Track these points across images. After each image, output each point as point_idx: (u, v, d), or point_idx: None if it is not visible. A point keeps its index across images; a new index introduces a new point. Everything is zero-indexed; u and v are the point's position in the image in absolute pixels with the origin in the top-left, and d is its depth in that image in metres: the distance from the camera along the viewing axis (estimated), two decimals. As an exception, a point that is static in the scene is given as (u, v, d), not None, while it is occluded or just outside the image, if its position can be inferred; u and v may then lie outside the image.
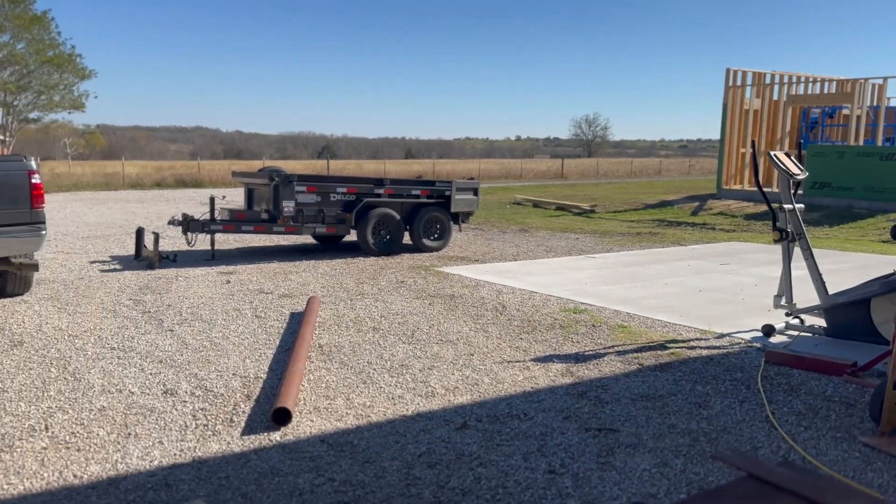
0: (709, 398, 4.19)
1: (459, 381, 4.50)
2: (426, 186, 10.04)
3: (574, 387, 4.40)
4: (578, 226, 14.28)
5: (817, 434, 3.65)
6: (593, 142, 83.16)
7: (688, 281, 7.92)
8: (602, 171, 42.59)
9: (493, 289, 7.39)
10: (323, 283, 7.70)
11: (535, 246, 10.97)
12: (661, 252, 10.41)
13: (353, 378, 4.55)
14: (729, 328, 5.78)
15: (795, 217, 5.49)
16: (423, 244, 9.95)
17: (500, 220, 14.92)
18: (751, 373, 4.64)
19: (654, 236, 12.55)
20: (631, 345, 5.32)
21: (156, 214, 15.33)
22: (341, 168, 36.34)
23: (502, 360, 4.94)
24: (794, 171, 5.46)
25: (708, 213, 16.71)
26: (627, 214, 17.00)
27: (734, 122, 19.06)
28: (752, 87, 19.13)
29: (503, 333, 5.64)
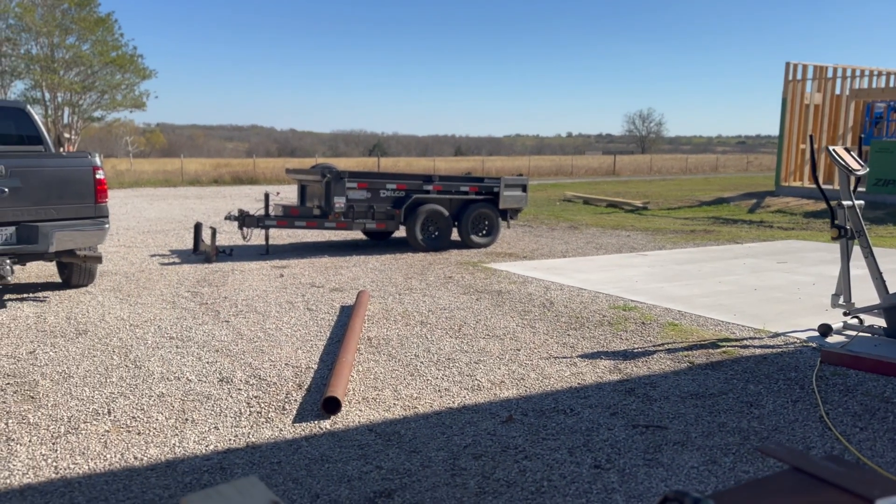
0: (761, 397, 4.11)
1: (505, 376, 4.52)
2: (475, 183, 10.07)
3: (622, 384, 4.37)
4: (630, 223, 14.08)
5: (873, 435, 3.55)
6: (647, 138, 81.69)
7: (742, 279, 7.74)
8: (656, 167, 41.80)
9: (540, 285, 7.38)
10: (372, 277, 7.82)
11: (585, 243, 10.88)
12: (715, 250, 10.19)
13: (400, 370, 4.63)
14: (784, 327, 5.64)
15: (855, 214, 5.32)
16: (471, 240, 9.99)
17: (549, 217, 14.83)
18: (805, 373, 4.52)
19: (708, 234, 12.29)
20: (681, 343, 5.24)
21: (213, 210, 15.79)
22: (392, 165, 36.67)
23: (549, 356, 4.94)
24: (853, 167, 5.28)
25: (765, 211, 16.25)
26: (681, 212, 16.67)
27: (794, 117, 18.46)
28: (812, 81, 18.49)
29: (550, 329, 5.63)
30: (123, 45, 30.53)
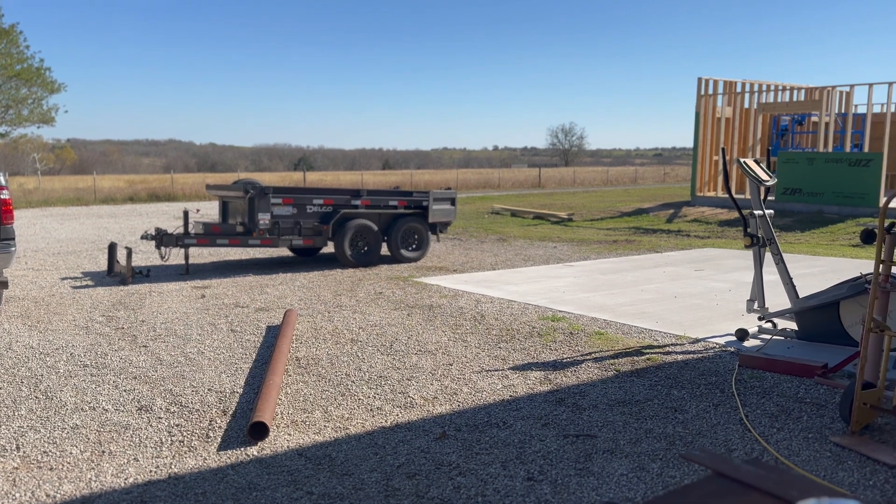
0: (684, 402, 4.24)
1: (438, 392, 4.50)
2: (403, 197, 10.06)
3: (552, 394, 4.43)
4: (556, 234, 14.37)
5: (790, 435, 3.71)
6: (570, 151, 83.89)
7: (663, 287, 8.01)
8: (579, 179, 42.94)
9: (471, 298, 7.41)
10: (300, 295, 7.67)
11: (514, 255, 11.03)
12: (637, 259, 10.52)
13: (331, 390, 4.54)
14: (704, 333, 5.86)
15: (766, 223, 5.59)
16: (401, 255, 9.96)
17: (478, 230, 14.97)
18: (725, 377, 4.70)
19: (630, 244, 12.68)
20: (608, 351, 5.36)
21: (129, 229, 15.15)
22: (318, 180, 36.22)
23: (481, 370, 4.95)
24: (763, 178, 5.56)
25: (683, 220, 16.92)
26: (604, 222, 17.15)
27: (707, 130, 19.35)
28: (723, 96, 19.45)
29: (482, 343, 5.66)
30: (29, 58, 29.08)
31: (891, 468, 3.30)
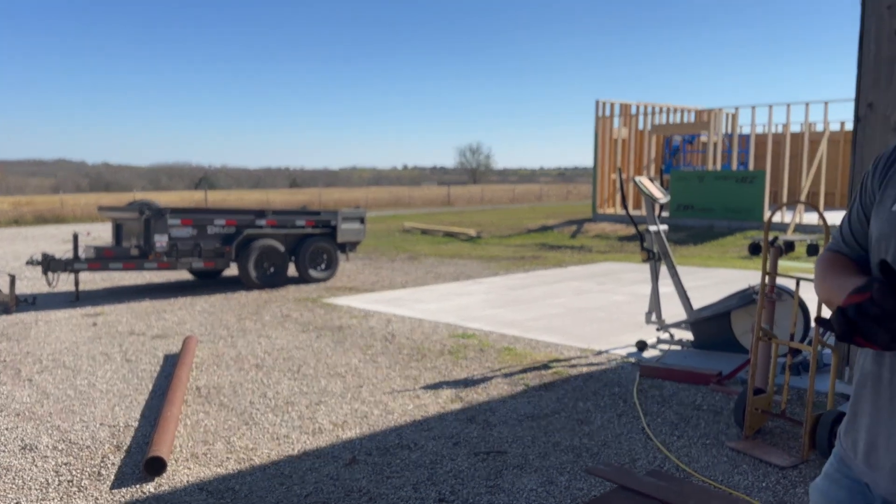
0: (590, 414, 4.34)
1: (348, 415, 4.41)
2: (311, 216, 9.88)
3: (463, 412, 4.43)
4: (466, 252, 14.53)
5: (689, 442, 3.87)
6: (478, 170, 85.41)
7: (568, 302, 8.23)
8: (487, 197, 43.70)
9: (382, 318, 7.35)
10: (201, 320, 7.35)
11: (424, 273, 11.04)
12: (543, 274, 10.77)
13: (234, 420, 4.35)
14: (607, 345, 6.04)
15: (660, 238, 5.86)
16: (309, 275, 9.76)
17: (389, 249, 14.92)
18: (627, 387, 4.86)
19: (536, 260, 12.98)
20: (517, 366, 5.43)
21: (12, 254, 14.09)
22: (221, 199, 35.11)
23: (392, 391, 4.89)
24: (657, 196, 5.83)
25: (585, 236, 17.51)
26: (512, 239, 17.50)
27: (605, 149, 20.18)
28: (619, 118, 20.37)
29: (393, 363, 5.60)
30: None
31: (781, 469, 3.49)
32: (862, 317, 1.01)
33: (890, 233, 1.36)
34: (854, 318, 1.02)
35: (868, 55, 4.46)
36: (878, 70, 4.41)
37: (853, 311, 1.02)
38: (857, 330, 1.02)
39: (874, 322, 1.01)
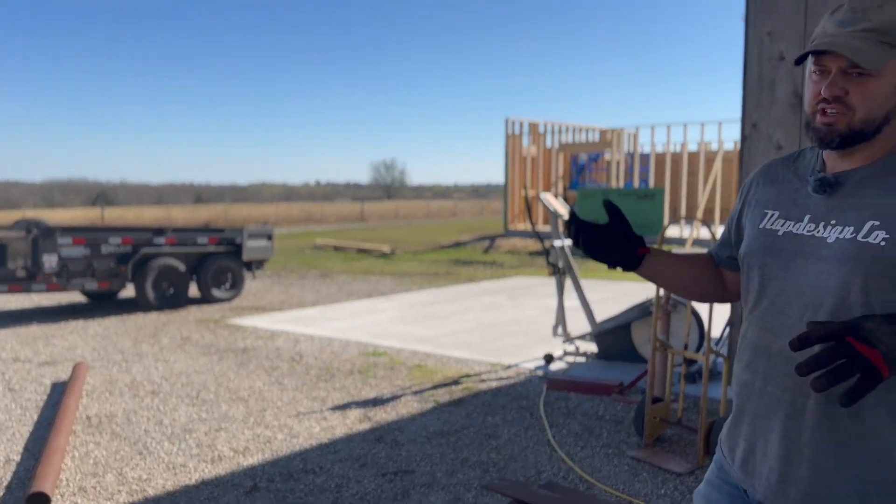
0: (498, 428, 4.36)
1: (250, 441, 4.24)
2: (214, 234, 9.55)
3: (371, 432, 4.35)
4: (379, 268, 14.42)
5: (592, 452, 3.95)
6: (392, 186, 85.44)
7: (480, 317, 8.29)
8: (402, 213, 43.73)
9: (290, 338, 7.16)
10: (93, 345, 6.93)
11: (336, 290, 10.87)
12: (456, 290, 10.83)
13: (126, 450, 4.10)
14: (516, 359, 6.12)
15: (564, 253, 6.00)
16: (212, 295, 9.40)
17: (299, 266, 14.61)
18: (534, 400, 4.92)
19: (449, 275, 13.05)
20: (427, 383, 5.40)
21: None
22: (119, 216, 33.46)
23: (298, 413, 4.75)
24: (561, 212, 5.98)
25: (497, 252, 17.78)
26: (426, 255, 17.54)
27: (515, 167, 20.63)
28: (528, 136, 20.90)
29: (300, 384, 5.45)
30: None
31: (679, 476, 3.61)
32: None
33: (757, 249, 1.43)
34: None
35: (751, 78, 4.75)
36: (760, 92, 4.70)
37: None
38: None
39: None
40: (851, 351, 1.06)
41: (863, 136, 1.28)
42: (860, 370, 1.06)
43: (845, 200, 1.31)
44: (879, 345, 1.06)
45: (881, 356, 1.06)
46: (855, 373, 1.06)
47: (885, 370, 1.06)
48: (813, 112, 1.32)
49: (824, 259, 1.29)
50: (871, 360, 1.05)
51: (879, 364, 1.05)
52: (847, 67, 1.26)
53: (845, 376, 1.05)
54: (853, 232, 1.26)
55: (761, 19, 4.66)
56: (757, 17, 4.68)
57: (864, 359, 1.05)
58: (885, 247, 1.22)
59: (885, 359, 1.06)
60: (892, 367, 1.07)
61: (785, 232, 1.38)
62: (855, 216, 1.27)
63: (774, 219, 1.42)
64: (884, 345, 1.06)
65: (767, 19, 4.62)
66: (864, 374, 1.06)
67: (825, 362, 1.06)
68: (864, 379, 1.06)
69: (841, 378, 1.05)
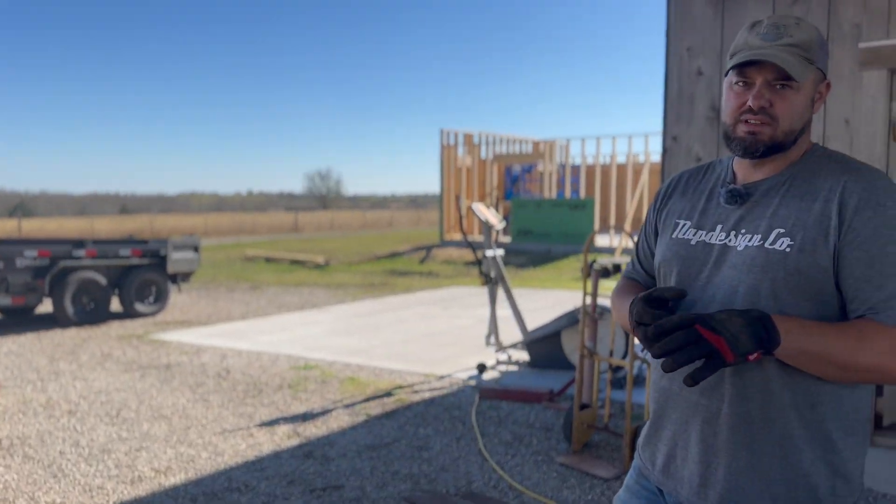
0: (430, 439, 4.35)
1: (173, 460, 4.09)
2: (138, 246, 9.21)
3: (300, 448, 4.26)
4: (313, 280, 14.21)
5: (522, 460, 3.98)
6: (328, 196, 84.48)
7: (414, 327, 8.27)
8: (337, 224, 43.28)
9: (217, 353, 6.95)
10: (6, 364, 6.55)
11: (267, 303, 10.64)
12: (391, 301, 10.77)
13: (40, 473, 3.88)
14: (449, 369, 6.12)
15: (496, 262, 6.06)
16: (135, 310, 9.05)
17: (228, 278, 14.25)
18: (467, 410, 4.93)
19: (385, 286, 12.98)
20: (359, 396, 5.34)
21: None
22: (39, 228, 31.91)
23: (223, 430, 4.61)
24: (492, 222, 6.04)
25: (433, 262, 17.81)
26: (361, 266, 17.39)
27: (450, 177, 20.75)
28: (463, 146, 21.07)
29: (226, 401, 5.29)
30: None
31: (606, 481, 3.68)
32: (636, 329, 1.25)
33: (672, 258, 1.47)
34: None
35: (672, 93, 4.92)
36: (680, 106, 4.87)
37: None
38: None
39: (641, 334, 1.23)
40: (697, 336, 1.13)
41: (783, 147, 1.34)
42: (704, 354, 1.13)
43: (754, 210, 1.36)
44: (724, 332, 1.13)
45: (725, 342, 1.13)
46: (699, 356, 1.13)
47: (730, 355, 1.14)
48: (735, 123, 1.35)
49: (735, 266, 1.34)
50: (713, 345, 1.13)
51: (722, 348, 1.13)
52: (772, 80, 1.31)
53: (690, 359, 1.13)
54: (760, 240, 1.32)
55: (681, 36, 4.84)
56: (677, 33, 4.86)
57: (708, 343, 1.13)
58: (789, 253, 1.28)
59: (729, 344, 1.13)
60: (736, 352, 1.14)
61: (697, 241, 1.42)
62: (762, 225, 1.33)
63: (687, 228, 1.46)
64: (728, 332, 1.13)
65: (687, 36, 4.81)
66: (708, 358, 1.13)
67: (675, 347, 1.14)
68: (707, 362, 1.14)
69: (686, 360, 1.13)
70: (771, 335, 1.16)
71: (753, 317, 1.16)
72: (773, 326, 1.17)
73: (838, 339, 1.21)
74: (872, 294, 1.24)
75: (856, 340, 1.21)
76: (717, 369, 1.14)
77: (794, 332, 1.20)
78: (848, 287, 1.26)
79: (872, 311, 1.24)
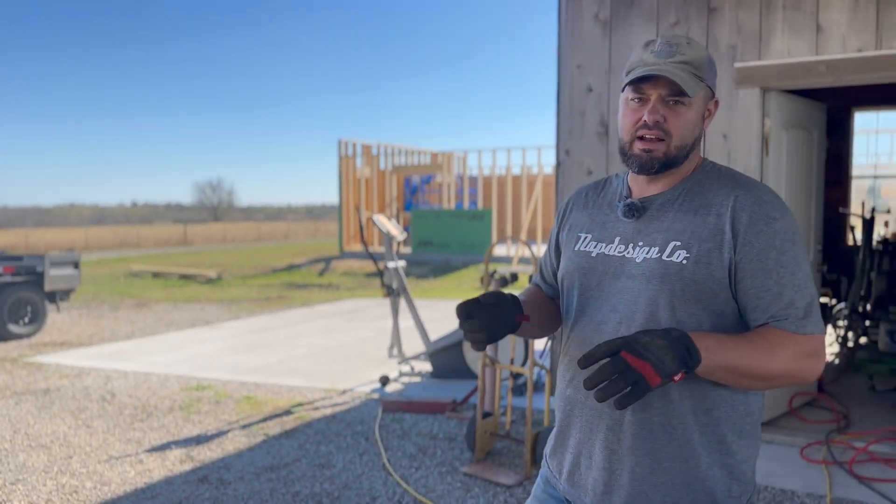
0: (332, 457, 4.26)
1: (53, 492, 3.78)
2: (10, 262, 8.51)
3: (194, 472, 4.06)
4: (205, 295, 13.63)
5: (427, 472, 3.97)
6: (219, 207, 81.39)
7: (315, 341, 8.10)
8: (230, 236, 41.78)
9: (100, 375, 6.51)
10: None
11: (155, 321, 10.10)
12: (289, 315, 10.50)
13: None
14: (351, 383, 6.03)
15: (398, 274, 6.05)
16: (8, 331, 8.34)
17: (112, 295, 13.42)
18: (370, 424, 4.87)
19: (283, 300, 12.64)
20: (257, 416, 5.16)
21: None
22: None
23: (109, 458, 4.32)
24: (393, 233, 6.03)
25: (333, 274, 17.55)
26: (257, 280, 16.86)
27: (349, 188, 20.57)
28: (362, 157, 20.95)
29: (111, 426, 4.96)
30: None
31: (508, 488, 3.73)
32: None
33: (574, 270, 1.51)
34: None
35: (564, 108, 5.10)
36: (572, 121, 5.06)
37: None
38: None
39: None
40: (624, 365, 1.16)
41: (676, 162, 1.40)
42: (631, 382, 1.16)
43: (650, 223, 1.42)
44: (650, 357, 1.17)
45: (651, 367, 1.17)
46: (627, 383, 1.16)
47: (655, 379, 1.17)
48: (631, 140, 1.40)
49: (634, 277, 1.39)
50: (640, 372, 1.16)
51: (648, 374, 1.16)
52: (666, 96, 1.36)
53: (619, 390, 1.16)
54: (658, 252, 1.37)
55: (571, 54, 5.04)
56: (568, 51, 5.06)
57: (635, 371, 1.16)
58: (686, 265, 1.34)
59: (655, 369, 1.17)
60: (662, 375, 1.18)
61: (598, 253, 1.47)
62: (659, 237, 1.39)
63: (588, 241, 1.51)
64: (654, 356, 1.17)
65: (577, 54, 5.01)
66: (635, 384, 1.16)
67: (604, 378, 1.17)
68: (633, 388, 1.17)
69: (615, 391, 1.16)
70: (692, 355, 1.21)
71: (674, 337, 1.20)
72: (694, 346, 1.22)
73: (752, 351, 1.27)
74: (772, 303, 1.32)
75: (767, 351, 1.28)
76: (643, 394, 1.17)
77: (712, 348, 1.24)
78: (748, 297, 1.33)
79: (774, 319, 1.32)
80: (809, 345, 1.31)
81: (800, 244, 1.36)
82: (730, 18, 4.39)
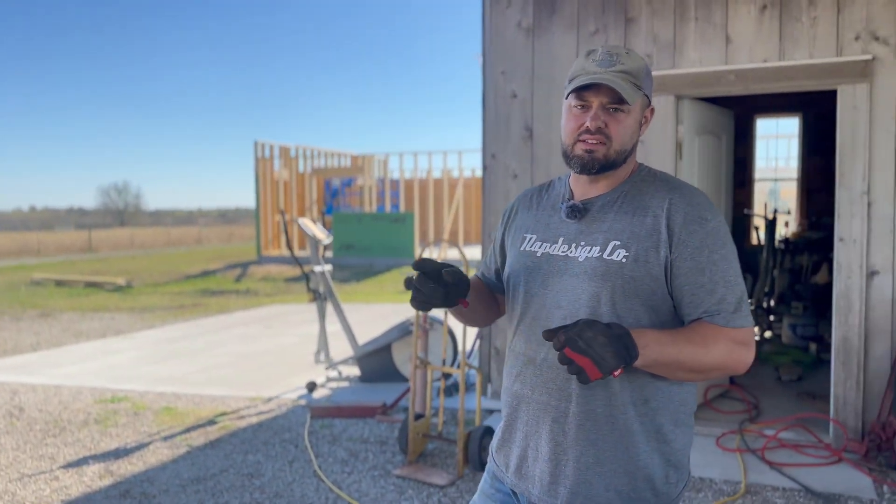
0: (260, 466, 4.16)
1: (-46, 519, 3.52)
2: None
3: (115, 487, 3.87)
4: (114, 304, 13.00)
5: (359, 477, 3.95)
6: (126, 211, 77.68)
7: (235, 349, 7.88)
8: (138, 241, 39.96)
9: (5, 389, 6.11)
10: None
11: (61, 332, 9.55)
12: (206, 323, 10.17)
13: None
14: (277, 391, 5.91)
15: (325, 278, 5.97)
16: None
17: (12, 306, 12.59)
18: (298, 431, 4.79)
19: (198, 307, 12.22)
20: (178, 427, 4.97)
21: None
22: None
23: (21, 476, 4.06)
24: (319, 236, 5.95)
25: (251, 279, 17.10)
26: (169, 287, 16.22)
27: (266, 191, 20.11)
28: (279, 159, 20.53)
29: (21, 443, 4.67)
30: None
31: (441, 488, 3.76)
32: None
33: (520, 269, 1.57)
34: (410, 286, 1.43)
35: (490, 113, 5.19)
36: (497, 126, 5.16)
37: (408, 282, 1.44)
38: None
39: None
40: (567, 360, 1.24)
41: (615, 164, 1.48)
42: (573, 374, 1.25)
43: (592, 224, 1.49)
44: (591, 353, 1.23)
45: (592, 363, 1.23)
46: (571, 374, 1.27)
47: (596, 374, 1.24)
48: (573, 143, 1.47)
49: (577, 275, 1.45)
50: (581, 366, 1.24)
51: (589, 369, 1.24)
52: (607, 103, 1.44)
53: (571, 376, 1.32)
54: (599, 251, 1.44)
55: (496, 60, 5.14)
56: (492, 57, 5.15)
57: (576, 365, 1.24)
58: (625, 263, 1.41)
59: (595, 365, 1.24)
60: (603, 371, 1.24)
61: (543, 253, 1.52)
62: (600, 237, 1.46)
63: (532, 241, 1.56)
64: (595, 353, 1.24)
65: (501, 60, 5.11)
66: (577, 375, 1.25)
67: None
68: (578, 377, 1.25)
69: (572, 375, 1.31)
70: (630, 352, 1.27)
71: (615, 334, 1.25)
72: (633, 343, 1.28)
73: (687, 346, 1.35)
74: (706, 298, 1.40)
75: (701, 346, 1.36)
76: (587, 382, 1.25)
77: (650, 345, 1.31)
78: (683, 293, 1.42)
79: (707, 315, 1.40)
80: (740, 337, 1.40)
81: (730, 243, 1.46)
82: (646, 28, 4.60)
